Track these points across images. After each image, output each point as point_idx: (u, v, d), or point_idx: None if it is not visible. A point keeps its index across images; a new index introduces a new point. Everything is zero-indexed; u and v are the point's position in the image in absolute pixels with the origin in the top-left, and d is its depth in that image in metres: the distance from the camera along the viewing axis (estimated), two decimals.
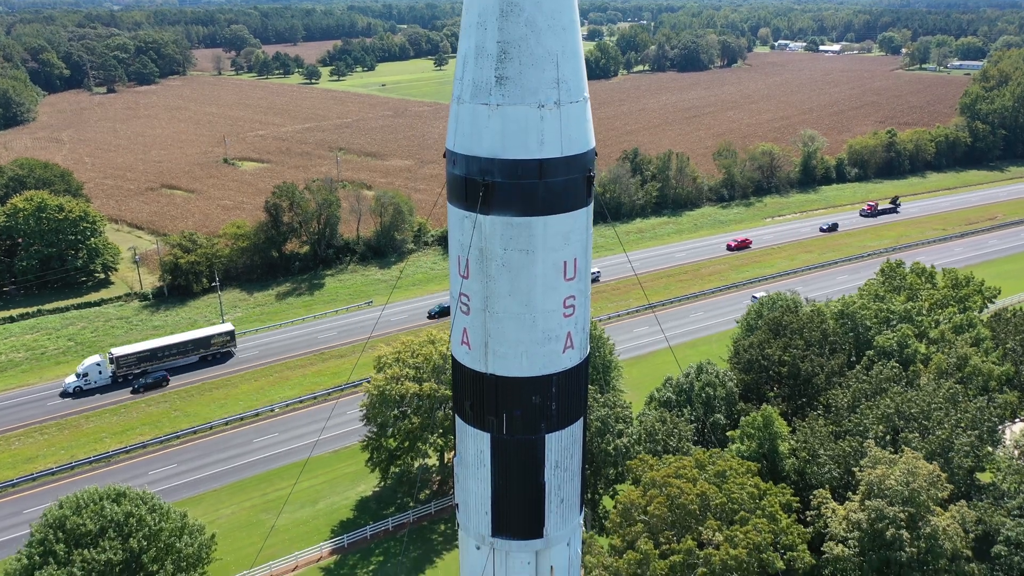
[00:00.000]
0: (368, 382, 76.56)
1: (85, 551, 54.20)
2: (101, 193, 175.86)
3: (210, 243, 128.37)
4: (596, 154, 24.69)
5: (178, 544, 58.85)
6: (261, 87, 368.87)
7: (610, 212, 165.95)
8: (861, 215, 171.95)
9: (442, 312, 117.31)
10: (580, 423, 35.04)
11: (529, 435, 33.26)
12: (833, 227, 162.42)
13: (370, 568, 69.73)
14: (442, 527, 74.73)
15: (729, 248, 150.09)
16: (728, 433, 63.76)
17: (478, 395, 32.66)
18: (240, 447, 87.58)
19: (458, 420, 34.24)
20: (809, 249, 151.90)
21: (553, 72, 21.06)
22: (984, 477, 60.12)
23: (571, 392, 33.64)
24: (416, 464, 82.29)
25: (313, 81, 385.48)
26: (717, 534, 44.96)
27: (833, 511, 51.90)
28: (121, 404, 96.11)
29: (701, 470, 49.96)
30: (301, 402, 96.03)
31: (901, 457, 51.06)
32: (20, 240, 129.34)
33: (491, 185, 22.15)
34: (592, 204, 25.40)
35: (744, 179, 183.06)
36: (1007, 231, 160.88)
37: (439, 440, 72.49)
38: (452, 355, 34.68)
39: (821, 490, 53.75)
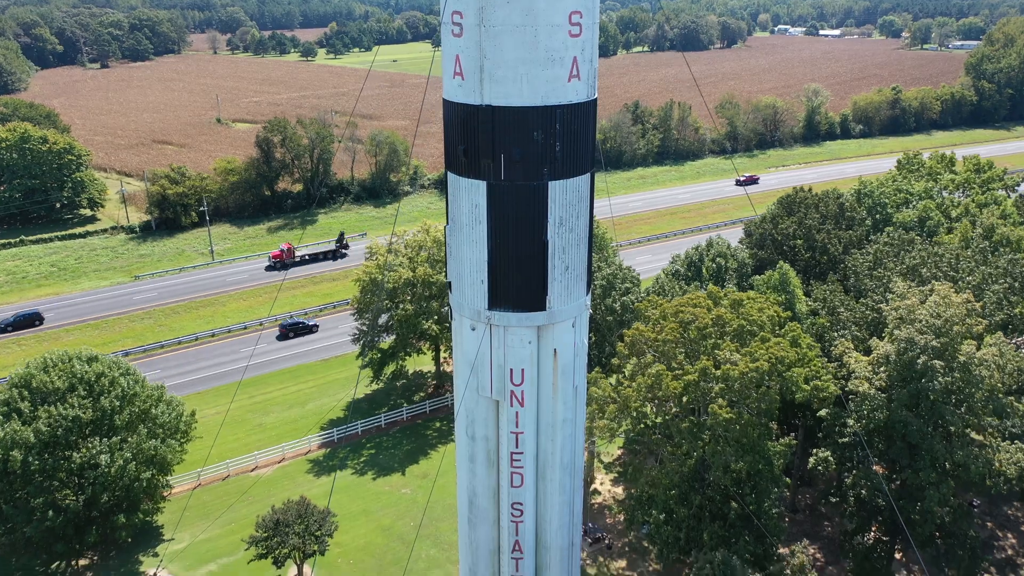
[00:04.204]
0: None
1: (52, 407, 50.29)
2: (91, 148, 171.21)
3: (199, 177, 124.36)
4: None
5: (154, 411, 55.00)
6: (257, 63, 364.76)
7: (610, 161, 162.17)
8: None
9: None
10: (587, 180, 31.02)
11: (530, 181, 29.26)
12: None
13: (361, 460, 65.88)
14: (437, 424, 70.88)
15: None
16: None
17: (473, 135, 28.70)
18: (227, 355, 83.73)
19: (451, 178, 30.24)
20: None
21: None
22: None
23: (577, 134, 29.61)
24: (411, 371, 78.65)
25: (310, 59, 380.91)
26: (735, 354, 41.01)
27: (857, 359, 48.02)
28: (103, 319, 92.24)
29: (716, 303, 46.06)
30: (291, 316, 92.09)
31: (932, 293, 47.20)
32: (3, 175, 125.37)
33: None
34: None
35: (747, 131, 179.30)
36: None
37: (434, 326, 68.58)
38: (444, 98, 30.61)
39: (843, 340, 49.87)
